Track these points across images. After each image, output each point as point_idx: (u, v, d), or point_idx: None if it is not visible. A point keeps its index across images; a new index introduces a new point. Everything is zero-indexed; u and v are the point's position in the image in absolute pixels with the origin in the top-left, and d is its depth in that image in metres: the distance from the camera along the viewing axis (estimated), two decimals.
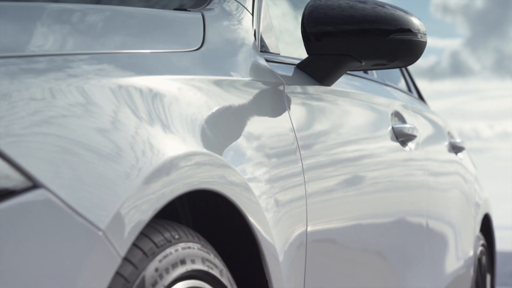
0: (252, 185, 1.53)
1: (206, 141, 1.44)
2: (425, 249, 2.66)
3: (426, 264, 2.67)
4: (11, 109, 1.10)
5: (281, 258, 1.59)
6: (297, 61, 2.02)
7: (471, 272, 3.23)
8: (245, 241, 1.55)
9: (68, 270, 1.05)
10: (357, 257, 2.04)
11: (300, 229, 1.70)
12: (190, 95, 1.48)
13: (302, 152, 1.79)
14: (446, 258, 2.94)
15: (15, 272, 1.01)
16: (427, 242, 2.68)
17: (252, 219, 1.50)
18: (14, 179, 1.04)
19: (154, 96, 1.37)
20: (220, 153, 1.46)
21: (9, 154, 1.05)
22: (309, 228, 1.73)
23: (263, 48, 1.90)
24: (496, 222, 3.81)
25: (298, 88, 1.92)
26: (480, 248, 3.45)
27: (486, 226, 3.64)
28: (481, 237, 3.50)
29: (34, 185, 1.06)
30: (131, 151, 1.21)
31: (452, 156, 3.25)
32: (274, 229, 1.58)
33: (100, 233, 1.09)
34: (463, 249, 3.15)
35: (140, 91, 1.34)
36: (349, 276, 1.97)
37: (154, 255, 1.25)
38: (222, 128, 1.53)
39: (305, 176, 1.77)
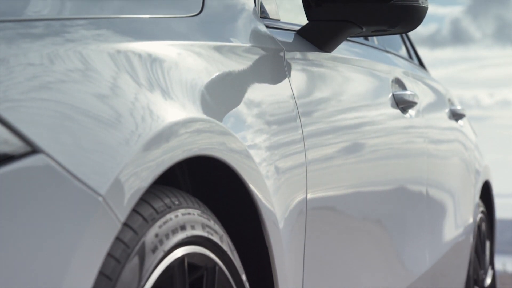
0: (252, 152, 1.53)
1: (206, 107, 1.43)
2: (425, 216, 2.66)
3: (426, 232, 2.67)
4: (9, 74, 1.09)
5: (281, 225, 1.59)
6: (297, 27, 2.00)
7: (471, 239, 3.24)
8: (245, 208, 1.55)
9: (68, 235, 1.05)
10: (357, 225, 2.04)
11: (300, 197, 1.69)
12: (190, 61, 1.47)
13: (302, 119, 1.78)
14: (446, 226, 2.94)
15: (14, 237, 1.01)
16: (427, 210, 2.68)
17: (252, 187, 1.50)
18: (12, 144, 1.04)
19: (153, 61, 1.36)
20: (220, 120, 1.46)
21: (7, 119, 1.04)
22: (309, 196, 1.73)
23: (263, 14, 1.88)
24: (496, 190, 3.82)
25: (298, 55, 1.91)
26: (480, 215, 3.46)
27: (486, 193, 3.64)
28: (481, 204, 3.50)
29: (33, 150, 1.05)
30: (130, 117, 1.20)
31: (452, 123, 3.25)
32: (274, 197, 1.57)
33: (100, 198, 1.09)
34: (462, 216, 3.16)
35: (139, 56, 1.34)
36: (349, 244, 1.97)
37: (154, 220, 1.25)
38: (222, 95, 1.52)
39: (305, 143, 1.76)
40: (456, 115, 3.33)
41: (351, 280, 1.98)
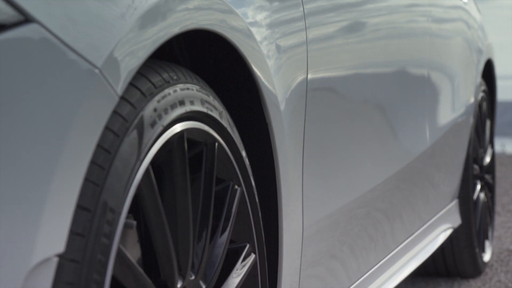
0: (253, 30, 1.50)
1: None
2: (426, 96, 2.65)
3: (426, 112, 2.67)
4: None
5: (282, 106, 1.58)
6: None
7: (471, 119, 3.24)
8: (245, 89, 1.54)
9: (65, 108, 1.04)
10: (356, 106, 2.03)
11: (300, 77, 1.68)
12: None
13: None
14: (446, 106, 2.94)
15: (11, 109, 1.00)
16: (428, 90, 2.67)
17: (254, 67, 1.48)
18: (4, 13, 1.01)
19: None
20: None
21: None
22: (309, 76, 1.71)
23: None
24: (498, 72, 3.80)
25: None
26: (481, 94, 3.45)
27: (488, 72, 3.62)
28: (483, 82, 3.49)
29: (26, 19, 1.03)
30: None
31: (456, 0, 3.19)
32: (275, 77, 1.56)
33: (97, 70, 1.08)
34: (463, 96, 3.15)
35: None
36: (347, 127, 1.96)
37: (153, 95, 1.23)
38: None
39: (306, 22, 1.73)
40: None
41: (349, 161, 1.99)
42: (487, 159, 3.61)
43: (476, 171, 3.42)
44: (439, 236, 2.96)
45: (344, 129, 1.94)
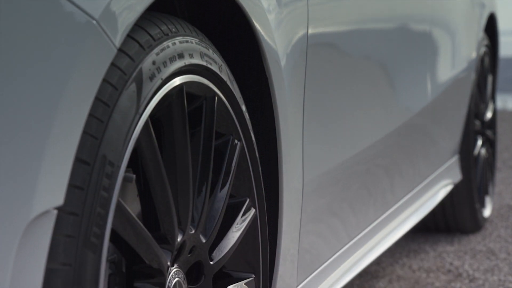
0: None
1: None
2: (427, 52, 2.64)
3: (428, 68, 2.66)
4: None
5: (283, 62, 1.57)
6: None
7: (472, 74, 3.22)
8: (246, 44, 1.53)
9: (63, 60, 1.03)
10: (357, 63, 2.01)
11: (301, 32, 1.66)
12: None
13: None
14: (448, 62, 2.92)
15: (8, 62, 0.99)
16: (429, 46, 2.65)
17: (255, 21, 1.47)
18: None
19: None
20: None
21: None
22: (310, 31, 1.70)
23: None
24: (501, 27, 3.77)
25: None
26: (483, 49, 3.42)
27: (491, 26, 3.59)
28: (485, 37, 3.46)
29: None
30: None
31: None
32: (276, 32, 1.55)
33: (94, 22, 1.06)
34: (465, 52, 3.13)
35: None
36: (348, 82, 1.95)
37: (151, 48, 1.22)
38: None
39: None
40: None
41: (349, 117, 1.98)
42: (489, 115, 3.60)
43: (477, 126, 3.41)
44: (440, 191, 2.97)
45: (345, 85, 1.93)
